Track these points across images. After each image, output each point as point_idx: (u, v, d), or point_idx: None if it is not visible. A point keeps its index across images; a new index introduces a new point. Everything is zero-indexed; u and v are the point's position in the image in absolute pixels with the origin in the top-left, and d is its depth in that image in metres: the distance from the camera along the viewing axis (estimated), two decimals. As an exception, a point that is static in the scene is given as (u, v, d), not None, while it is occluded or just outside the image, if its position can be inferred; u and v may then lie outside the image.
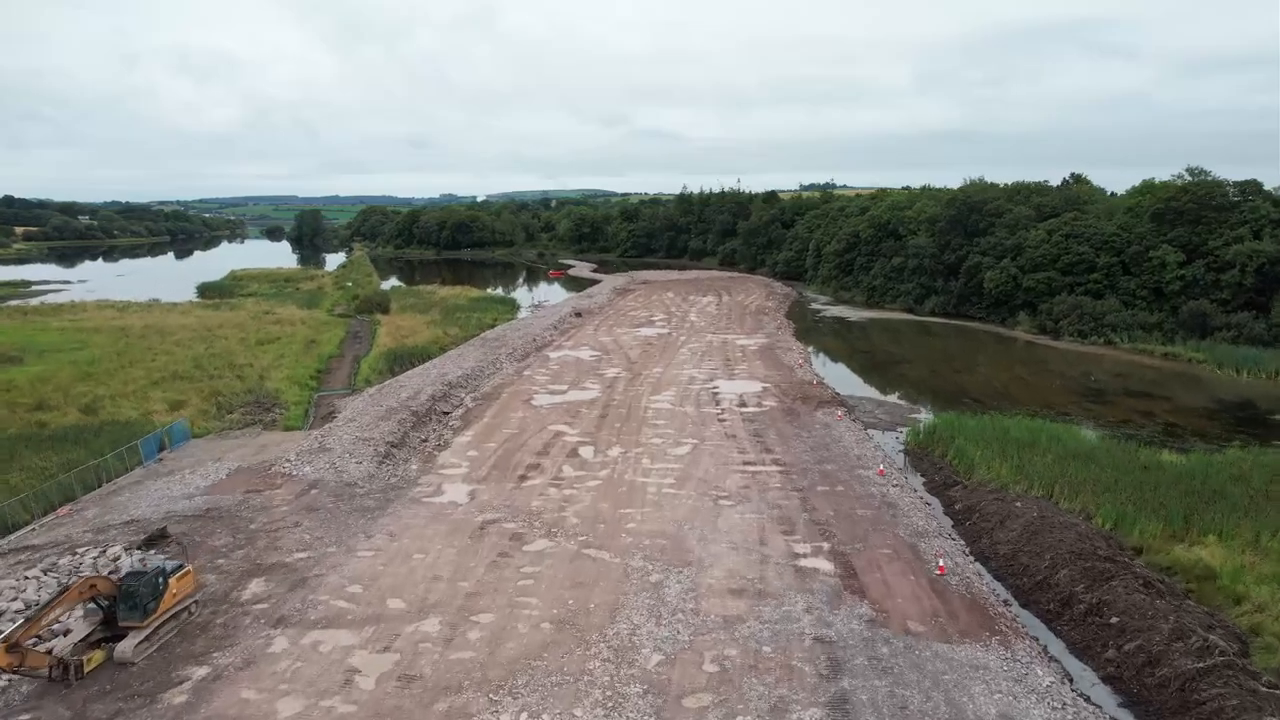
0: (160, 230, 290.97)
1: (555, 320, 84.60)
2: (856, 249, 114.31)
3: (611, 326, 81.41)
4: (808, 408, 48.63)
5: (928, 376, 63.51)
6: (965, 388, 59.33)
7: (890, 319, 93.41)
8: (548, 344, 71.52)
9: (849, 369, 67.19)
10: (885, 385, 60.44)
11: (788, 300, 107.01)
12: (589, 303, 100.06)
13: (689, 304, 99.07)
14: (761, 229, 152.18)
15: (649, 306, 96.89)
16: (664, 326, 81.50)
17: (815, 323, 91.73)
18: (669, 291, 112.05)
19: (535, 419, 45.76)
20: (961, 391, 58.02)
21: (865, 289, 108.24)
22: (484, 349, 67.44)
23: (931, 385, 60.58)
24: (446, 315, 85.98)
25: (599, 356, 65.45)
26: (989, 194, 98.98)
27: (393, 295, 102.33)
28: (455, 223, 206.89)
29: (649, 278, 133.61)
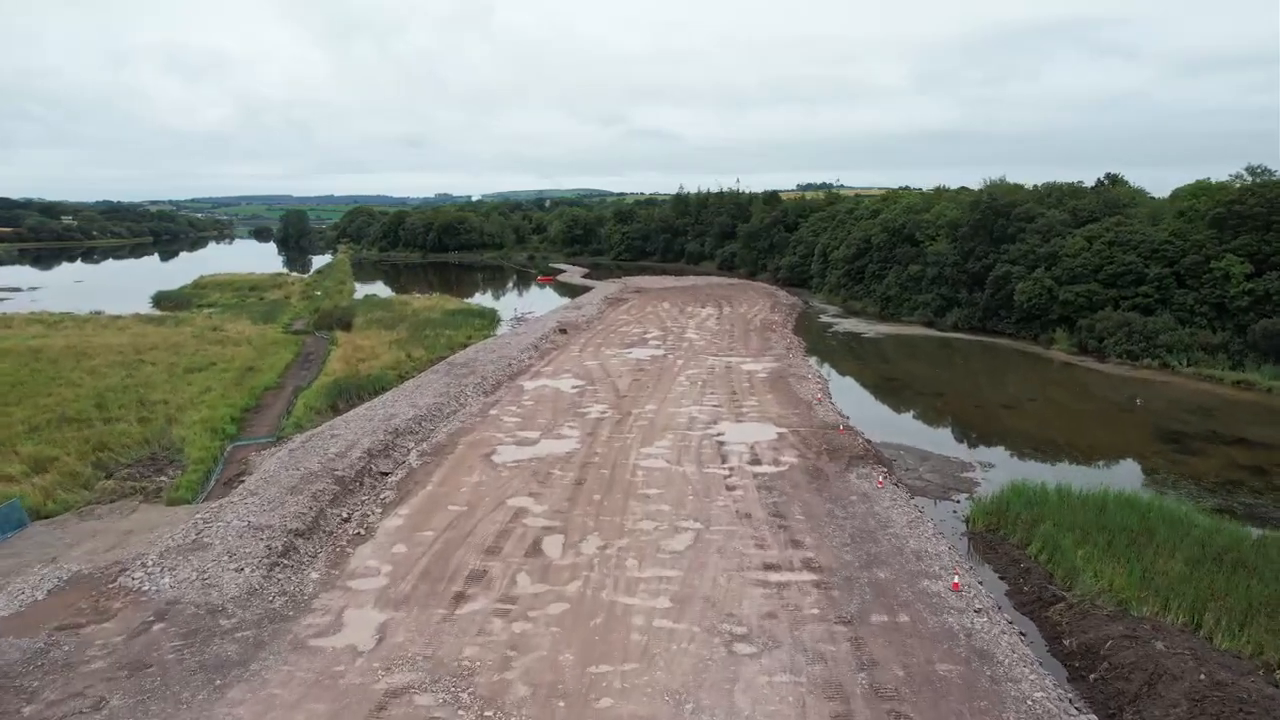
0: (142, 231, 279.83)
1: (536, 338, 74.27)
2: (868, 255, 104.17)
3: (599, 346, 71.10)
4: (837, 465, 38.41)
5: (969, 412, 53.29)
6: (1016, 429, 49.19)
7: (909, 335, 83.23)
8: (524, 370, 61.22)
9: (875, 401, 56.97)
10: (922, 426, 50.23)
11: (794, 312, 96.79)
12: (576, 315, 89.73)
13: (687, 316, 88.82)
14: (763, 232, 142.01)
15: (642, 320, 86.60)
16: (659, 345, 71.23)
17: (827, 339, 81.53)
18: (665, 302, 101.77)
19: (493, 487, 35.46)
20: (1013, 434, 47.88)
21: (878, 299, 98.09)
22: (449, 378, 57.13)
23: (976, 425, 50.39)
24: (414, 332, 75.63)
25: (582, 387, 55.16)
26: (1017, 196, 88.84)
27: (360, 308, 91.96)
28: (442, 224, 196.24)
29: (643, 285, 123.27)
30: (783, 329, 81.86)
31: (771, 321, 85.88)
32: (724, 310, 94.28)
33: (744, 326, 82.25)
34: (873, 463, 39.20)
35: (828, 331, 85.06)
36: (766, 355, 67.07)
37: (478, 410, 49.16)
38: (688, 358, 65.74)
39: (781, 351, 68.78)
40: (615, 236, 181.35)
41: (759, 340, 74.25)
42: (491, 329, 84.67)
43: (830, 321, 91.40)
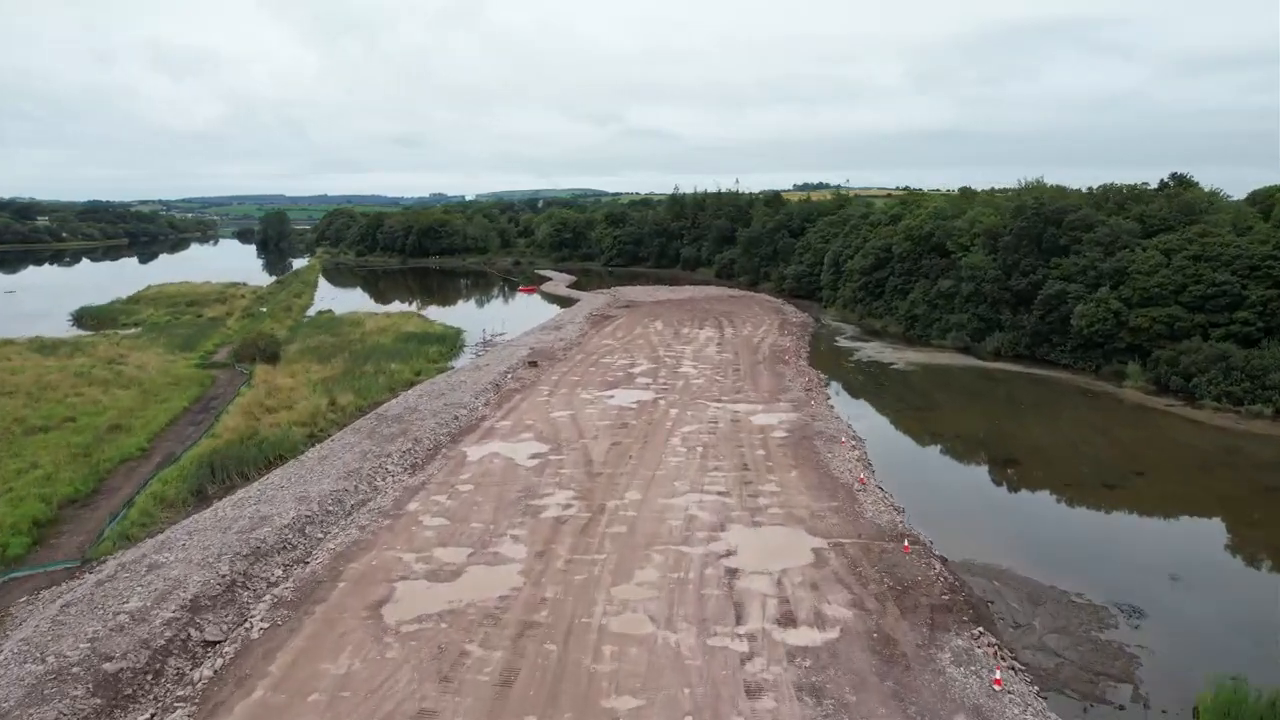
0: (116, 233, 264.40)
1: (500, 373, 60.06)
2: (889, 266, 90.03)
3: (575, 386, 56.85)
4: (915, 629, 24.32)
5: (1063, 494, 39.04)
6: (1143, 531, 35.17)
7: (945, 365, 69.08)
8: (473, 426, 46.94)
9: (931, 474, 42.63)
10: (1010, 527, 35.76)
11: (806, 332, 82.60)
12: (552, 340, 75.44)
13: (683, 341, 74.57)
14: (765, 237, 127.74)
15: (630, 346, 72.32)
16: (648, 384, 57.03)
17: (849, 371, 67.37)
18: (657, 320, 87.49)
19: (365, 689, 21.28)
20: (1142, 539, 33.85)
21: (902, 318, 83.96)
22: (371, 441, 42.94)
23: (1082, 522, 36.14)
24: (353, 366, 61.38)
25: (543, 457, 40.95)
26: (1067, 201, 74.74)
27: (303, 330, 77.73)
28: (422, 227, 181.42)
29: (634, 297, 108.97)
30: (796, 358, 67.66)
31: (782, 348, 71.62)
32: (725, 332, 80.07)
33: (750, 355, 68.03)
34: (967, 619, 25.07)
35: (849, 360, 70.88)
36: (782, 399, 52.88)
37: (392, 502, 34.87)
38: (684, 404, 51.55)
39: (800, 393, 54.56)
40: (606, 240, 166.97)
41: (770, 376, 60.03)
42: (451, 357, 70.39)
43: (849, 346, 77.21)
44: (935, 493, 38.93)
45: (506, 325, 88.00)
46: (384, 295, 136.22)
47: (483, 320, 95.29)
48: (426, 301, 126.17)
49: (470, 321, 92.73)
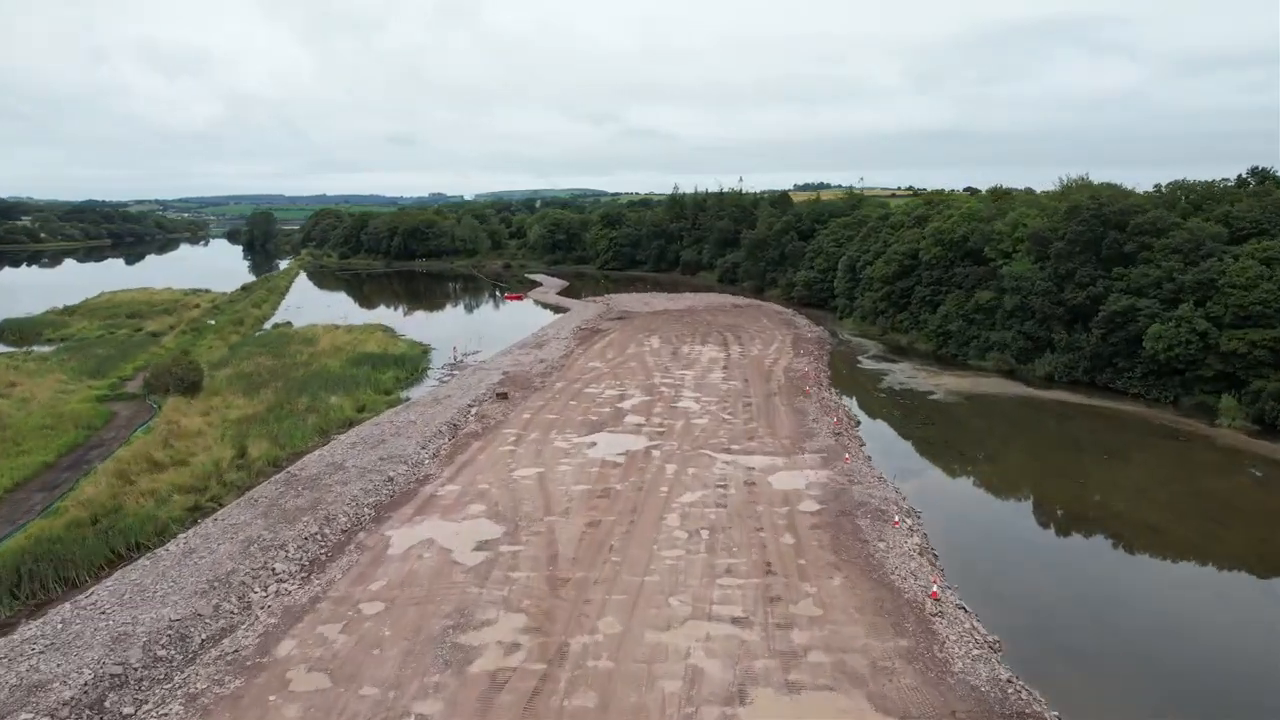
0: (99, 233, 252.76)
1: (459, 409, 48.80)
2: (915, 274, 78.72)
3: (549, 427, 45.53)
4: None
5: (1222, 641, 27.74)
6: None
7: (991, 393, 57.73)
8: (409, 492, 35.59)
9: (1027, 575, 31.12)
10: (1170, 669, 24.51)
11: (823, 351, 71.25)
12: (531, 361, 64.12)
13: (682, 363, 63.24)
14: (772, 240, 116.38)
15: (620, 371, 60.98)
16: (639, 425, 45.72)
17: (880, 402, 56.03)
18: (653, 335, 76.14)
19: None
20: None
21: (933, 334, 72.64)
22: (265, 521, 31.70)
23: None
24: (286, 398, 50.13)
25: (491, 549, 29.64)
26: (1129, 202, 63.43)
27: (242, 350, 66.47)
28: (407, 229, 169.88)
29: (629, 307, 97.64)
30: (817, 386, 56.32)
31: (799, 373, 60.28)
32: (732, 350, 68.73)
33: (763, 382, 56.74)
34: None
35: (877, 388, 59.52)
36: (807, 447, 41.58)
37: (258, 640, 23.53)
38: (684, 455, 40.27)
39: (828, 439, 43.23)
40: (602, 243, 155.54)
41: (789, 413, 48.69)
42: (410, 384, 59.13)
43: (875, 369, 65.85)
44: (1041, 610, 27.45)
45: (483, 341, 76.62)
46: (365, 301, 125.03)
47: (461, 331, 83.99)
48: (412, 306, 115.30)
49: (444, 335, 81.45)
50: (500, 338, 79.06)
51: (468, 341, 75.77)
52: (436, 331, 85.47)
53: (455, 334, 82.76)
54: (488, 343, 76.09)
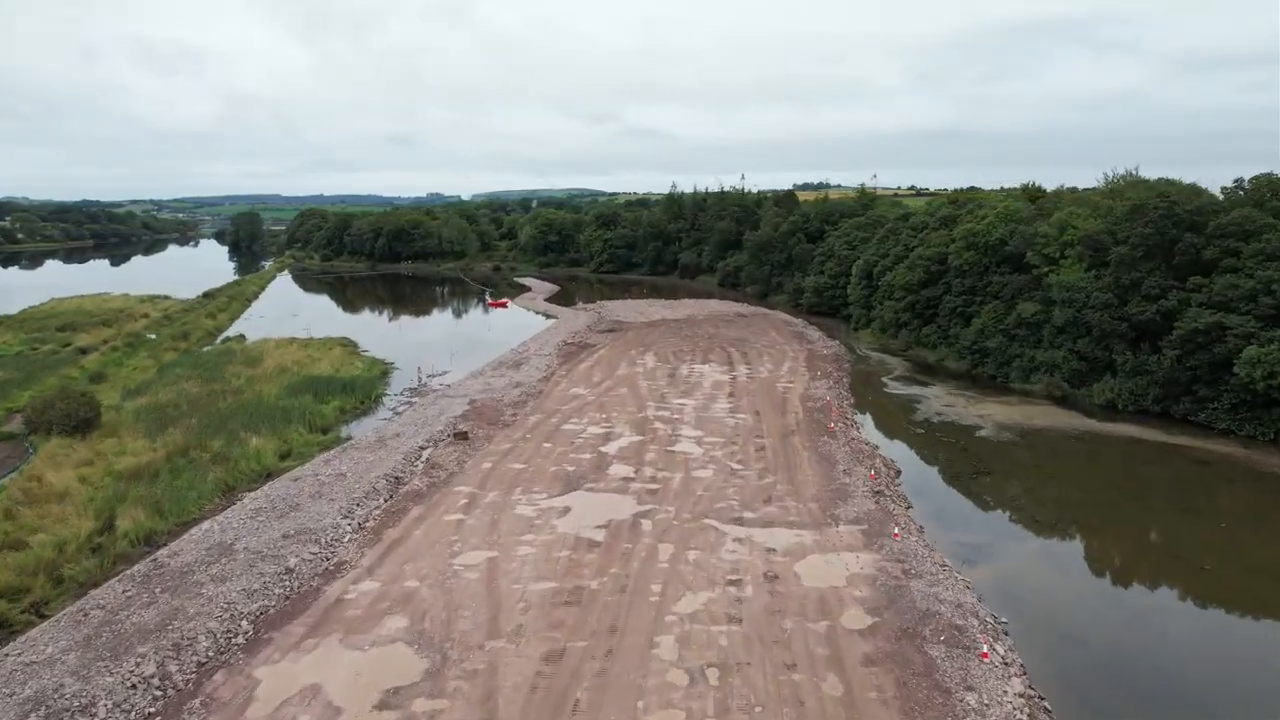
0: (81, 234, 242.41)
1: (407, 455, 39.01)
2: (943, 282, 68.94)
3: (513, 483, 35.67)
4: None
5: None
6: None
7: (1048, 427, 47.88)
8: (310, 592, 25.67)
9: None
10: None
11: (842, 371, 61.39)
12: (505, 385, 54.25)
13: (681, 388, 53.37)
14: (777, 242, 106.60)
15: (607, 401, 51.05)
16: (627, 480, 35.88)
17: (916, 437, 46.16)
18: (648, 352, 66.26)
19: None
20: None
21: (966, 351, 62.84)
22: (79, 658, 21.85)
23: None
24: (199, 439, 40.32)
25: (399, 708, 19.86)
26: (1203, 200, 53.70)
27: (173, 372, 56.59)
28: (393, 230, 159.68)
29: (622, 315, 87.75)
30: (843, 419, 46.52)
31: (819, 402, 50.42)
32: (738, 371, 58.89)
33: (778, 415, 46.90)
34: None
35: (911, 419, 49.66)
36: (841, 513, 31.80)
37: None
38: (683, 529, 30.49)
39: (866, 500, 33.43)
40: (596, 244, 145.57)
41: (814, 458, 38.88)
42: (357, 415, 49.31)
43: (905, 393, 56.01)
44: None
45: (455, 358, 66.82)
46: (341, 308, 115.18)
47: (433, 345, 74.19)
48: (390, 313, 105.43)
49: (414, 349, 71.61)
50: (476, 353, 69.24)
51: (437, 359, 65.88)
52: (406, 345, 75.61)
53: (427, 347, 72.91)
54: (461, 359, 66.29)
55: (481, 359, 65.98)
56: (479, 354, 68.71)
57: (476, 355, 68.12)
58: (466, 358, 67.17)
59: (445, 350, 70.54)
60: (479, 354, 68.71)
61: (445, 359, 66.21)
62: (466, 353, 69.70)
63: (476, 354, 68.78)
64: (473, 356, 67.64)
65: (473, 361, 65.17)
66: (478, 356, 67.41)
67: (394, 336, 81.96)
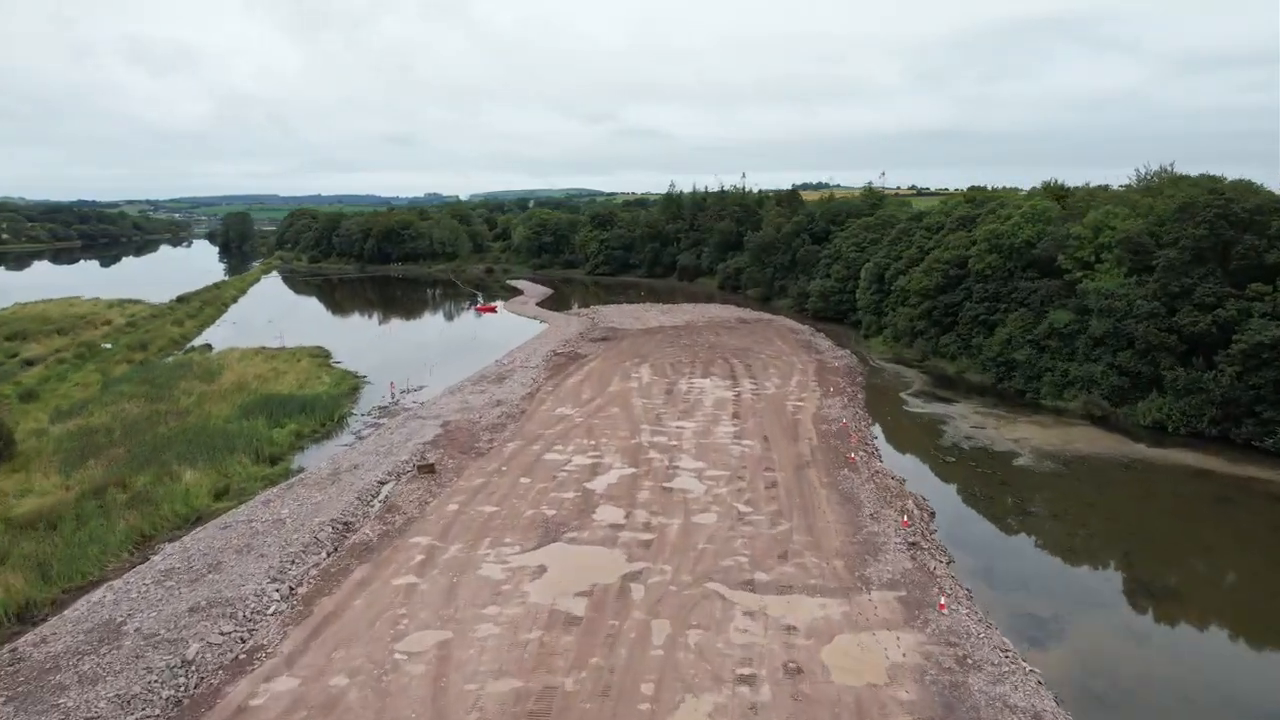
0: (68, 235, 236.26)
1: (360, 493, 33.21)
2: (963, 287, 63.20)
3: (480, 533, 29.82)
4: None
5: None
6: None
7: (1091, 454, 42.09)
8: (203, 699, 19.89)
9: None
10: None
11: (856, 385, 55.60)
12: (483, 404, 48.41)
13: (679, 408, 47.57)
14: (781, 243, 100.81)
15: (596, 424, 45.19)
16: (614, 528, 30.09)
17: (949, 469, 40.37)
18: (644, 364, 60.47)
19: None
20: None
21: (990, 363, 57.10)
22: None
23: None
24: (126, 472, 34.55)
25: None
26: (1263, 198, 48.00)
27: (115, 390, 50.78)
28: (382, 230, 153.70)
29: (616, 321, 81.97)
30: (863, 447, 40.77)
31: (835, 425, 44.63)
32: (743, 385, 53.12)
33: (789, 441, 41.14)
34: None
35: (939, 445, 43.88)
36: (873, 576, 26.07)
37: None
38: (681, 598, 24.77)
39: (901, 556, 27.69)
40: (592, 245, 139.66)
41: (834, 497, 33.14)
42: (316, 440, 43.54)
43: (928, 411, 50.24)
44: None
45: (435, 371, 61.09)
46: (321, 313, 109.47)
47: (413, 355, 68.48)
48: (372, 317, 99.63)
49: (391, 360, 65.89)
50: (458, 364, 63.52)
51: (415, 372, 60.14)
52: (385, 354, 69.87)
53: (407, 357, 67.17)
54: (441, 372, 60.56)
55: (463, 371, 60.23)
56: (461, 365, 62.96)
57: (458, 367, 62.38)
58: (447, 370, 61.43)
59: (426, 361, 64.80)
60: (461, 365, 62.96)
61: (424, 371, 60.47)
62: (448, 364, 63.95)
63: (458, 365, 63.02)
64: (454, 368, 61.91)
65: (453, 374, 59.44)
66: (459, 368, 61.66)
67: (373, 345, 76.11)
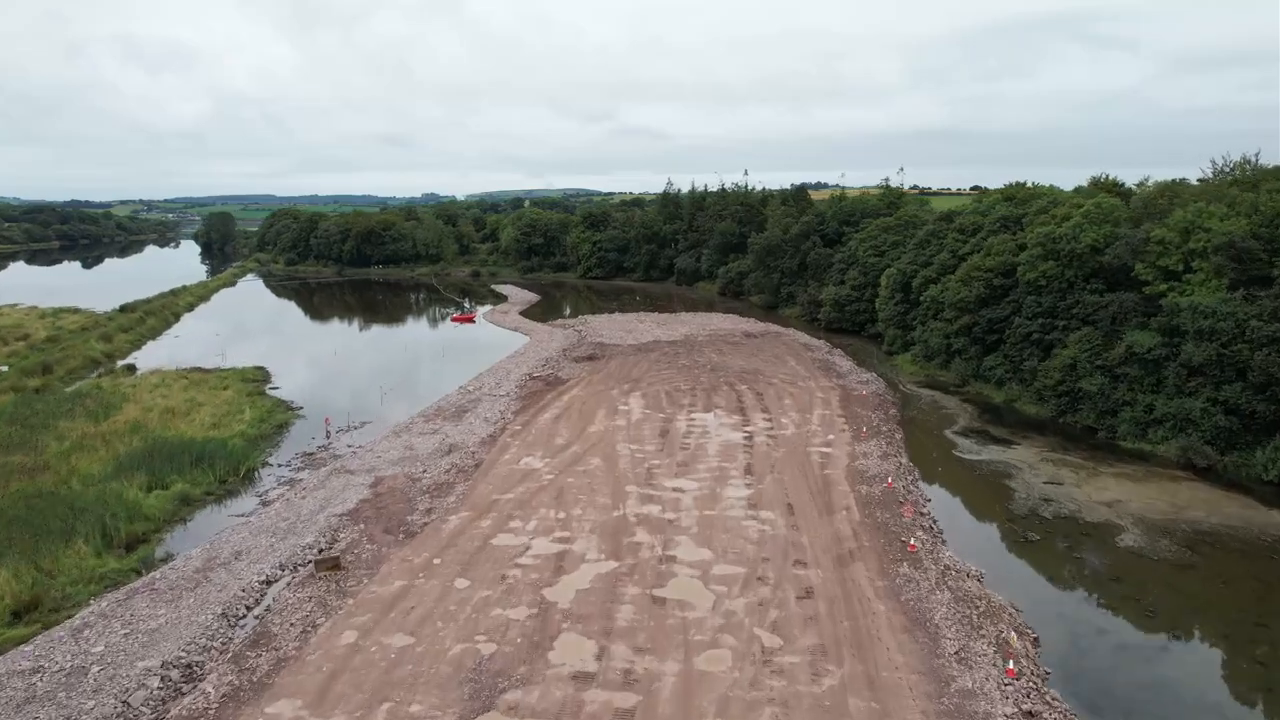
0: (46, 235, 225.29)
1: (224, 607, 22.82)
2: (1010, 300, 52.97)
3: (378, 693, 19.57)
4: None
5: None
6: None
7: (1221, 528, 31.70)
8: None
9: None
10: None
11: (889, 417, 45.22)
12: (431, 451, 38.00)
13: (676, 455, 37.17)
14: (788, 245, 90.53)
15: (571, 481, 34.79)
16: (579, 674, 19.86)
17: (1035, 553, 30.10)
18: (635, 391, 50.09)
19: None
20: None
21: (1050, 393, 46.78)
22: None
23: None
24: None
25: None
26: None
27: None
28: (362, 232, 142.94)
29: (606, 335, 71.59)
30: (916, 511, 30.55)
31: (878, 482, 34.29)
32: (754, 422, 42.79)
33: (822, 511, 30.86)
34: None
35: (1012, 509, 33.61)
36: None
37: None
38: None
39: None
40: (584, 247, 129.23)
41: (894, 612, 22.93)
42: (212, 499, 33.21)
43: (983, 458, 39.94)
44: None
45: (387, 398, 50.88)
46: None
47: (372, 373, 58.28)
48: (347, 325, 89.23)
49: (342, 382, 55.69)
50: (417, 389, 53.31)
51: (363, 402, 49.87)
52: (336, 376, 59.55)
53: (361, 379, 56.93)
54: (395, 400, 50.35)
55: (420, 400, 49.98)
56: (420, 391, 52.76)
57: (416, 394, 52.16)
58: (402, 398, 51.20)
59: (382, 385, 54.53)
60: (420, 391, 52.76)
61: (376, 399, 50.23)
62: (405, 390, 53.71)
63: (417, 392, 52.81)
64: (411, 395, 51.69)
65: (408, 404, 49.19)
66: (417, 395, 51.45)
67: (324, 364, 65.24)
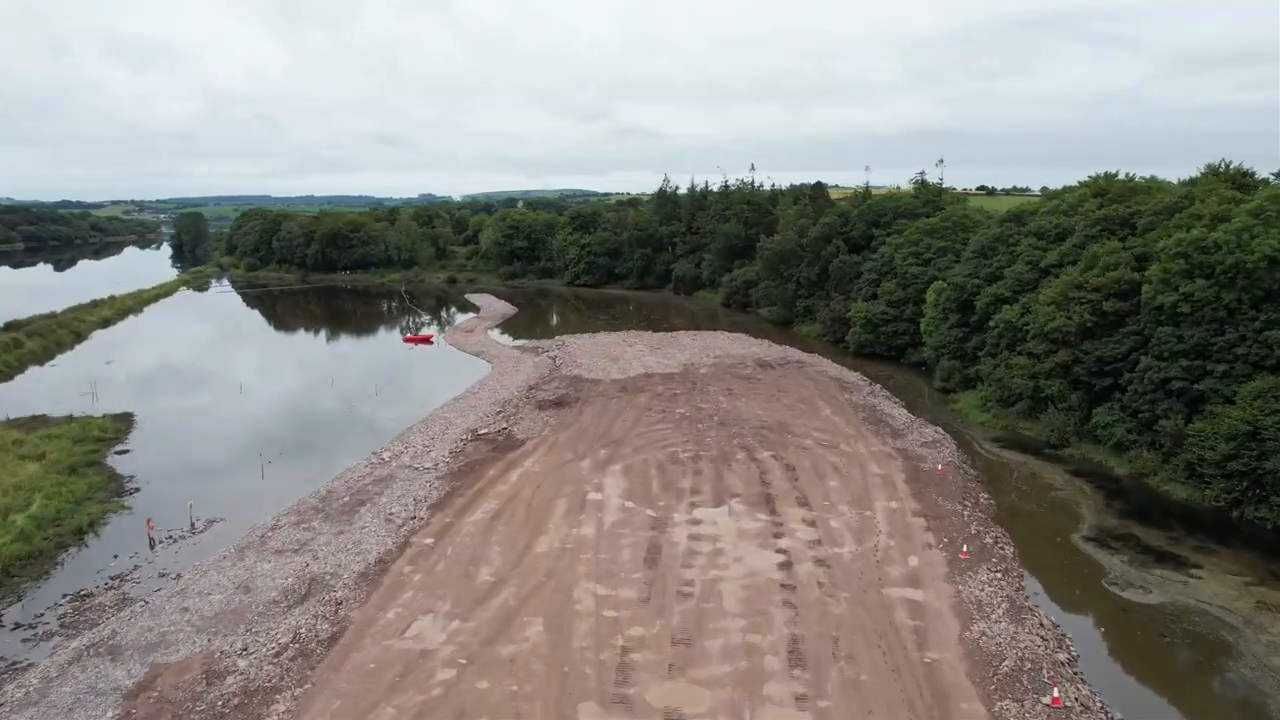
0: (10, 237, 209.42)
1: None
2: (1129, 331, 37.73)
3: None
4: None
5: None
6: None
7: None
8: None
9: None
10: None
11: (979, 507, 30.18)
12: (280, 588, 22.58)
13: (672, 616, 21.82)
14: (805, 250, 75.17)
15: (478, 694, 19.83)
16: None
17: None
18: (615, 461, 34.83)
19: None
20: None
21: (1207, 472, 31.56)
22: None
23: None
24: None
25: None
26: None
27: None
28: (327, 234, 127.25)
29: (587, 365, 56.19)
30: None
31: (1020, 677, 19.21)
32: (791, 527, 27.65)
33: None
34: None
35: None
36: None
37: None
38: None
39: None
40: (572, 251, 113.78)
41: None
42: None
43: (1153, 601, 24.98)
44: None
45: (270, 468, 35.73)
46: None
47: (277, 422, 43.29)
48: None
49: (222, 442, 40.58)
50: (314, 456, 38.18)
51: (236, 473, 34.68)
52: (222, 428, 44.14)
53: (247, 439, 41.70)
54: (283, 471, 35.20)
55: (313, 474, 34.80)
56: (321, 455, 37.66)
57: (314, 460, 37.05)
58: (294, 466, 36.07)
59: (273, 444, 39.33)
60: (321, 455, 37.66)
61: (255, 470, 35.05)
62: (301, 452, 38.54)
63: (315, 456, 37.71)
64: (307, 463, 36.59)
65: (297, 478, 34.05)
66: (314, 464, 36.33)
67: (217, 410, 48.09)
